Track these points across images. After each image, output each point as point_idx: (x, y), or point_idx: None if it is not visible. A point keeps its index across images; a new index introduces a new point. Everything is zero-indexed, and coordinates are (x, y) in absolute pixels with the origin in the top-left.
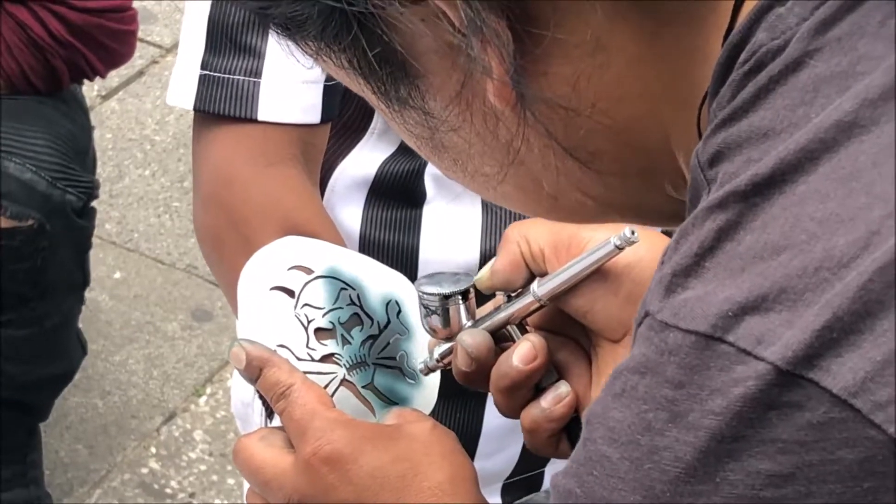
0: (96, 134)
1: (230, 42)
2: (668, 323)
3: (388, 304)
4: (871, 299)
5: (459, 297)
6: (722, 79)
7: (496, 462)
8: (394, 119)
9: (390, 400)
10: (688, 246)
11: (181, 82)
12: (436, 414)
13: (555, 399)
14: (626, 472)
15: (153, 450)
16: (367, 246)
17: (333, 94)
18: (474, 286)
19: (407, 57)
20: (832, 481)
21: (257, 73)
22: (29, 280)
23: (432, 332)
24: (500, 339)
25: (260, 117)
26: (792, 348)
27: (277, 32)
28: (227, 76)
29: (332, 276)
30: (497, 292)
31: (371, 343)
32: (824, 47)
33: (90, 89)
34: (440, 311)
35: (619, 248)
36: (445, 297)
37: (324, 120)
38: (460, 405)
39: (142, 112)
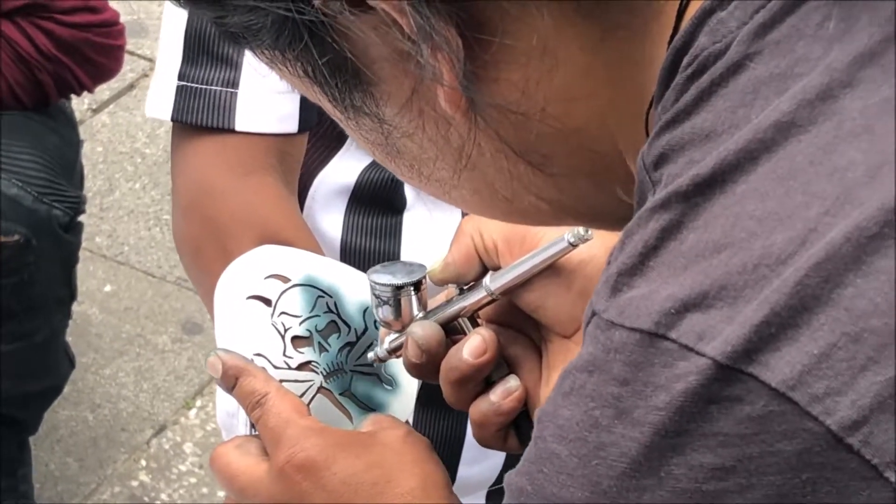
0: (87, 147)
1: (207, 53)
2: (613, 322)
3: (365, 311)
4: (808, 294)
5: (412, 289)
6: (667, 83)
7: (481, 469)
8: (349, 126)
9: (368, 406)
10: (632, 246)
11: (159, 93)
12: (418, 422)
13: (504, 393)
14: (574, 469)
15: (143, 463)
16: (349, 253)
17: (311, 104)
18: (427, 277)
19: (359, 65)
20: (772, 473)
21: (234, 84)
22: (15, 295)
23: (384, 323)
24: (452, 331)
25: (237, 128)
26: (731, 343)
27: (233, 42)
28: (204, 87)
29: (308, 285)
30: (449, 285)
31: (348, 350)
32: (764, 50)
33: (81, 103)
34: (392, 302)
35: (573, 245)
36: (398, 288)
37: (301, 129)
38: (443, 413)
39: (132, 125)
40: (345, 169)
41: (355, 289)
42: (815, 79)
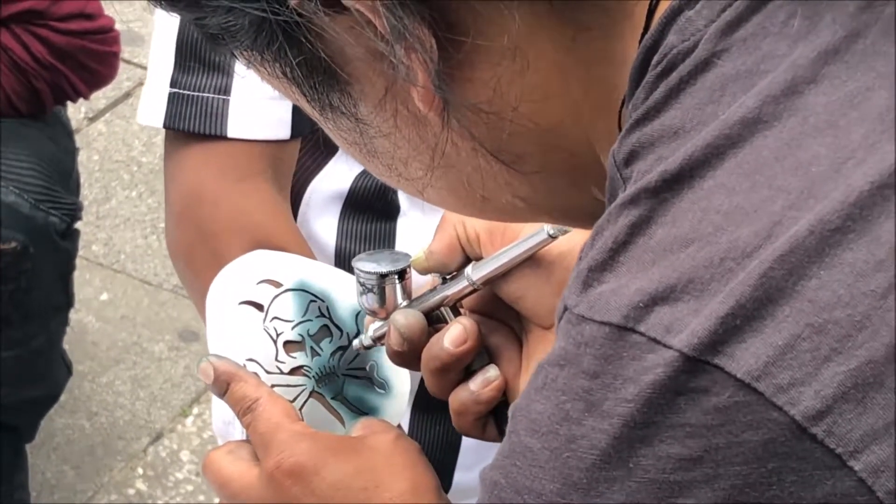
0: (83, 155)
1: (199, 60)
2: (584, 316)
3: (357, 314)
4: (772, 286)
5: (396, 277)
6: (637, 81)
7: (477, 474)
8: (327, 126)
9: (360, 410)
10: (602, 241)
11: (151, 101)
12: (414, 427)
13: (483, 382)
14: (546, 462)
15: (140, 470)
16: (343, 259)
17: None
18: (411, 266)
19: (334, 65)
20: (738, 463)
21: (226, 91)
22: (12, 302)
23: (368, 311)
24: (434, 320)
25: (230, 134)
26: (698, 335)
27: (213, 43)
28: (196, 94)
29: (301, 289)
30: (432, 274)
31: (341, 354)
32: (731, 47)
33: (77, 111)
34: (376, 290)
35: (553, 237)
36: (382, 276)
37: (294, 135)
38: (439, 418)
39: (129, 134)
40: (338, 175)
41: (347, 293)
42: (780, 75)
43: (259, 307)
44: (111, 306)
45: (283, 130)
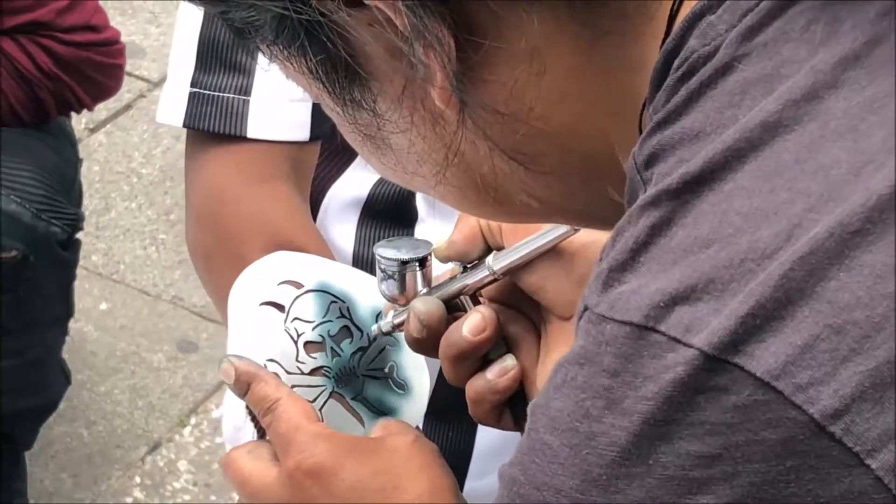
0: (83, 166)
1: (220, 60)
2: (604, 315)
3: (377, 316)
4: (792, 287)
5: (417, 264)
6: (658, 84)
7: (489, 482)
8: (345, 120)
9: (380, 411)
10: (623, 242)
11: (171, 100)
12: (427, 433)
13: (500, 371)
14: (565, 458)
15: (138, 479)
16: (361, 265)
17: (322, 112)
18: (432, 254)
19: (352, 62)
20: (757, 461)
21: (247, 91)
22: (12, 311)
23: (388, 297)
24: (454, 308)
25: (249, 134)
26: (718, 335)
27: (239, 37)
28: (216, 94)
29: (322, 290)
30: (453, 262)
31: (361, 355)
32: (751, 52)
33: (78, 122)
34: (397, 277)
35: (576, 230)
36: (403, 263)
37: (313, 137)
38: (452, 425)
39: (129, 145)
40: (357, 182)
41: (368, 294)
42: (800, 80)
43: (280, 308)
44: (110, 316)
45: (301, 132)
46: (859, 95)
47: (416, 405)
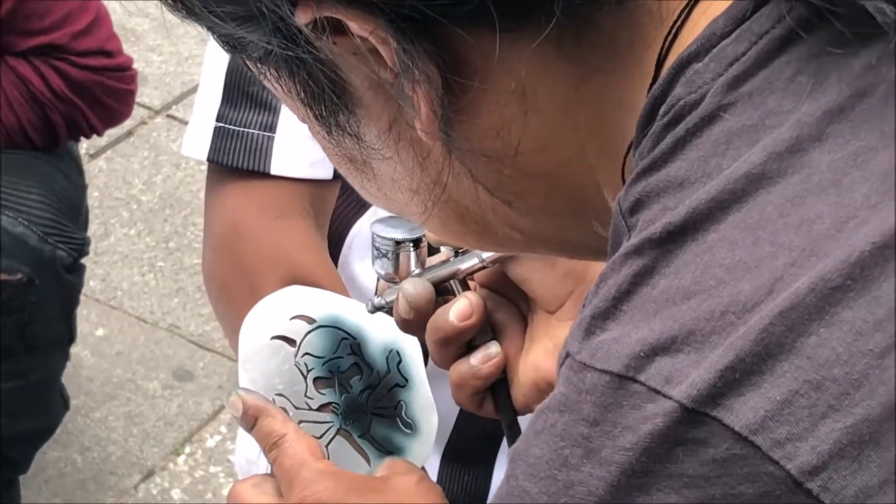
0: None
1: (247, 95)
2: (585, 363)
3: (388, 353)
4: (772, 342)
5: (411, 244)
6: (644, 129)
7: None
8: (330, 144)
9: (386, 449)
10: (606, 290)
11: (196, 133)
12: (443, 476)
13: (483, 358)
14: None
15: None
16: None
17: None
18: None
19: (336, 90)
20: None
21: (272, 128)
22: (15, 334)
23: (382, 276)
24: (443, 291)
25: (273, 171)
26: (697, 387)
27: (228, 50)
28: (242, 129)
29: (333, 326)
30: (445, 247)
31: (370, 392)
32: (737, 102)
33: (79, 147)
34: (391, 256)
35: None
36: (397, 243)
37: (336, 175)
38: (468, 469)
39: (129, 172)
40: None
41: (379, 331)
42: (785, 132)
43: (291, 342)
44: (107, 342)
45: (324, 171)
46: (843, 149)
47: (423, 445)
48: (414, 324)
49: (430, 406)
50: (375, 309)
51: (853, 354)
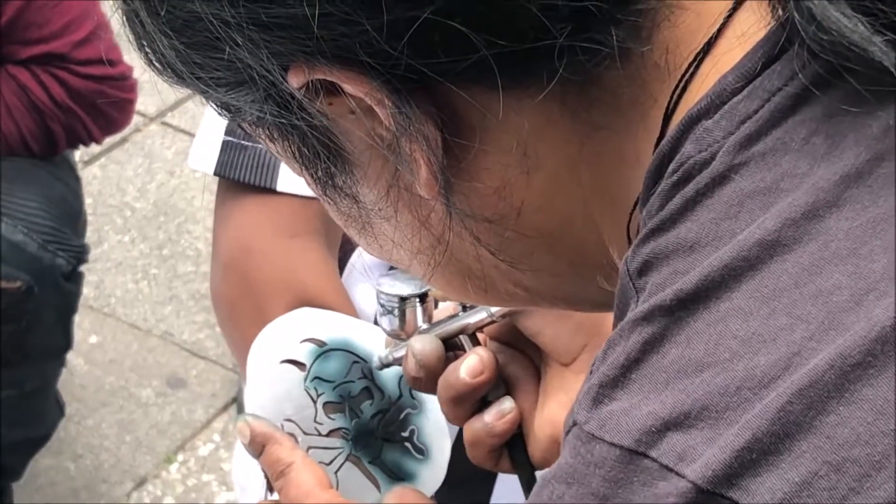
0: None
1: None
2: (594, 435)
3: (400, 377)
4: (790, 421)
5: (417, 300)
6: (651, 187)
7: None
8: (328, 203)
9: (397, 476)
10: (614, 357)
11: (204, 147)
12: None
13: (498, 414)
14: None
15: None
16: None
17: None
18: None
19: (331, 152)
20: None
21: None
22: (13, 342)
23: (392, 332)
24: (453, 346)
25: (278, 187)
26: (712, 467)
27: (221, 113)
28: (249, 144)
29: (344, 349)
30: (452, 302)
31: (381, 417)
32: (749, 162)
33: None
34: (397, 313)
35: None
36: (403, 300)
37: None
38: (466, 491)
39: (123, 179)
40: None
41: None
42: (800, 197)
43: (301, 366)
44: (100, 349)
45: None
46: (862, 216)
47: (434, 471)
48: (425, 381)
49: (442, 431)
50: (383, 366)
51: (874, 435)
